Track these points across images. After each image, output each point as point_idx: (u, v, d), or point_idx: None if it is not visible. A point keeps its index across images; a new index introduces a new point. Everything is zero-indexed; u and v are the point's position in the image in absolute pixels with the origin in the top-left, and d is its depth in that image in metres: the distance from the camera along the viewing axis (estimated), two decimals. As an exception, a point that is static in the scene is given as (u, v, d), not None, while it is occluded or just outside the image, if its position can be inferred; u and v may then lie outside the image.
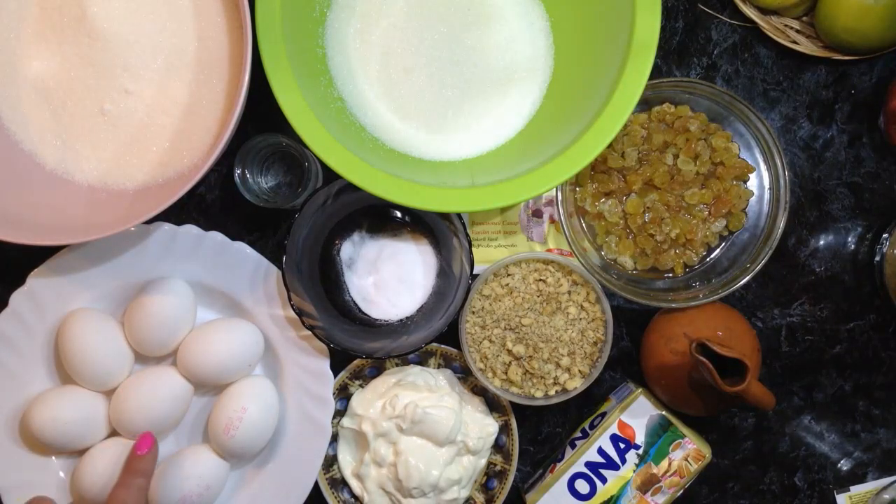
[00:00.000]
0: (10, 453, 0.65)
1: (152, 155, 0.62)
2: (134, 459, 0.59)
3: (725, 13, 0.70)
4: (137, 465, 0.59)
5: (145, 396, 0.64)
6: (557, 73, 0.66)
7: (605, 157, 0.67)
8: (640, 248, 0.68)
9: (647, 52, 0.57)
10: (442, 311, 0.66)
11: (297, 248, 0.64)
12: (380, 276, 0.68)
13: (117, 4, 0.60)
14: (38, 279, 0.65)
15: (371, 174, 0.56)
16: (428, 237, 0.69)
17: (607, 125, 0.57)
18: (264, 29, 0.56)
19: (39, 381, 0.66)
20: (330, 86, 0.63)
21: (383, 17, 0.65)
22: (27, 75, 0.62)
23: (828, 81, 0.71)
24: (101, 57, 0.61)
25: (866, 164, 0.72)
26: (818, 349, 0.73)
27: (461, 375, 0.70)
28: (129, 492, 0.57)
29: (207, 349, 0.65)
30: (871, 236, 0.72)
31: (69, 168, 0.63)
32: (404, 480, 0.65)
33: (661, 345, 0.66)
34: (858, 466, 0.74)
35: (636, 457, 0.67)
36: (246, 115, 0.61)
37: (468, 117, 0.65)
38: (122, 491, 0.57)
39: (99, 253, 0.66)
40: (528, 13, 0.66)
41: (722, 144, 0.67)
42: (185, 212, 0.69)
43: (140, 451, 0.59)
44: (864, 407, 0.73)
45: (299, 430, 0.67)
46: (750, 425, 0.73)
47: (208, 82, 0.62)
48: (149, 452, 0.59)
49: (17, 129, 0.63)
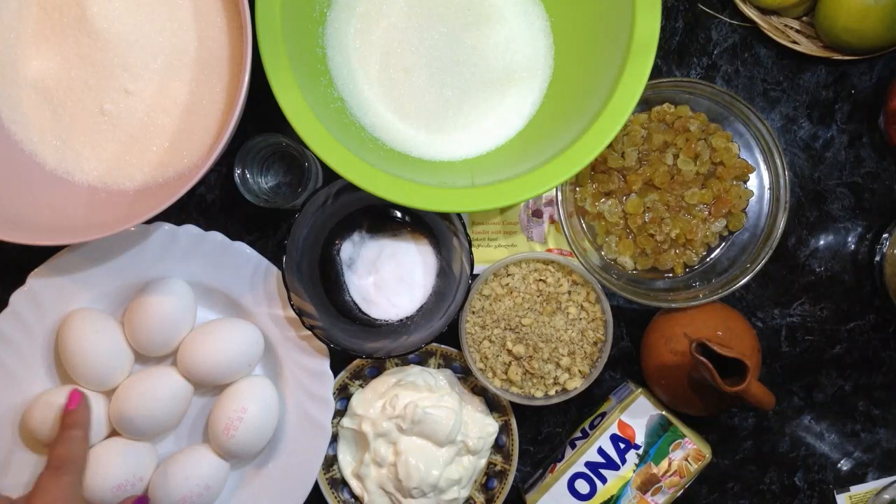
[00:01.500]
0: (10, 453, 0.65)
1: (152, 155, 0.62)
2: (66, 414, 0.62)
3: (725, 13, 0.70)
4: (71, 419, 0.62)
5: (145, 396, 0.64)
6: (557, 73, 0.66)
7: (605, 157, 0.67)
8: (640, 248, 0.68)
9: (647, 52, 0.57)
10: (442, 311, 0.66)
11: (297, 248, 0.64)
12: (380, 276, 0.68)
13: (117, 4, 0.60)
14: (38, 279, 0.65)
15: (371, 174, 0.56)
16: (428, 237, 0.69)
17: (607, 125, 0.57)
18: (264, 29, 0.56)
19: (39, 381, 0.66)
20: (330, 86, 0.63)
21: (383, 17, 0.65)
22: (27, 75, 0.62)
23: (828, 81, 0.71)
24: (101, 57, 0.61)
25: (866, 164, 0.72)
26: (818, 349, 0.73)
27: (461, 375, 0.70)
28: (67, 444, 0.60)
29: (207, 349, 0.65)
30: (871, 236, 0.72)
31: (69, 168, 0.63)
32: (404, 480, 0.65)
33: (661, 345, 0.66)
34: (858, 466, 0.74)
35: (636, 457, 0.67)
36: (246, 115, 0.61)
37: (468, 117, 0.65)
38: (59, 446, 0.60)
39: (99, 253, 0.66)
40: (527, 13, 0.66)
41: (722, 144, 0.67)
42: (185, 212, 0.69)
43: (70, 406, 0.62)
44: (864, 407, 0.73)
45: (299, 430, 0.67)
46: (750, 425, 0.73)
47: (208, 82, 0.62)
48: (79, 405, 0.62)
49: (17, 129, 0.63)
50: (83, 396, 0.63)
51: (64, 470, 0.59)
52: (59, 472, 0.59)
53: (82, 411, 0.62)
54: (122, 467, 0.63)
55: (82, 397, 0.63)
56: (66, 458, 0.60)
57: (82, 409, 0.62)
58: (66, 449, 0.60)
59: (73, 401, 0.62)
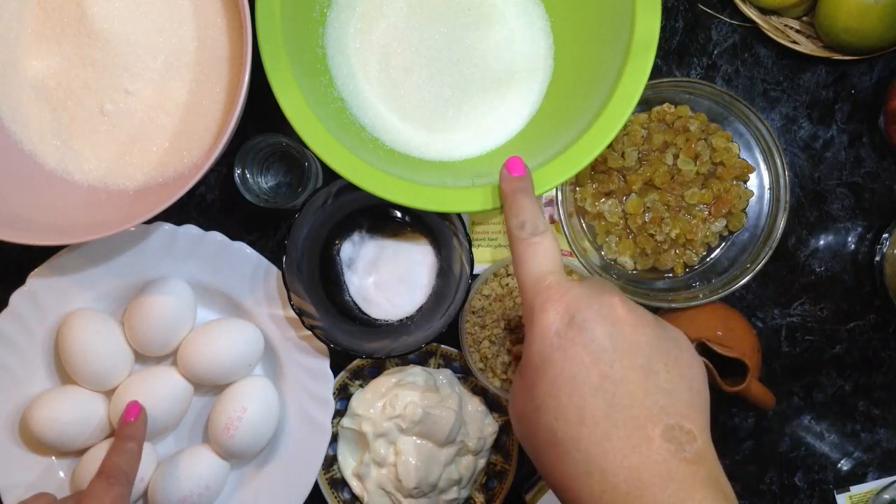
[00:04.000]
0: (10, 453, 0.65)
1: (152, 155, 0.62)
2: (124, 426, 0.62)
3: (725, 13, 0.70)
4: (128, 431, 0.61)
5: (145, 396, 0.64)
6: (557, 73, 0.66)
7: (605, 157, 0.67)
8: (640, 248, 0.68)
9: (647, 52, 0.57)
10: (442, 311, 0.66)
11: (297, 248, 0.64)
12: (380, 276, 0.68)
13: (117, 4, 0.60)
14: (38, 279, 0.65)
15: (371, 174, 0.56)
16: (428, 237, 0.69)
17: (607, 125, 0.57)
18: (264, 29, 0.56)
19: (39, 381, 0.66)
20: (330, 86, 0.63)
21: (383, 17, 0.65)
22: (27, 75, 0.62)
23: (828, 81, 0.71)
24: (101, 57, 0.61)
25: (866, 164, 0.72)
26: (818, 349, 0.73)
27: (461, 375, 0.70)
28: (123, 456, 0.60)
29: (207, 349, 0.65)
30: (871, 236, 0.72)
31: (69, 168, 0.63)
32: (404, 480, 0.65)
33: (661, 345, 0.66)
34: (858, 466, 0.74)
35: (636, 457, 0.67)
36: (246, 115, 0.61)
37: (468, 117, 0.65)
38: (115, 456, 0.60)
39: (99, 253, 0.66)
40: (527, 13, 0.66)
41: (722, 144, 0.67)
42: (185, 212, 0.69)
43: (129, 418, 0.62)
44: (864, 407, 0.73)
45: (299, 430, 0.67)
46: (750, 425, 0.73)
47: (208, 82, 0.62)
48: (137, 419, 0.62)
49: (17, 129, 0.63)
50: (142, 410, 0.63)
51: (115, 480, 0.58)
52: (111, 481, 0.58)
53: (139, 425, 0.62)
54: (122, 467, 0.63)
55: (141, 410, 0.63)
56: (119, 468, 0.59)
57: (140, 422, 0.62)
58: (122, 460, 0.59)
59: (132, 412, 0.62)
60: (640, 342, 0.43)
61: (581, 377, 0.42)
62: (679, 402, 0.42)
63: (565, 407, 0.42)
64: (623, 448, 0.41)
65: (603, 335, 0.43)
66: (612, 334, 0.43)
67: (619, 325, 0.43)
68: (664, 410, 0.42)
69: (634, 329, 0.43)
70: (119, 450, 0.60)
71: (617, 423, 0.41)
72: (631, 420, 0.41)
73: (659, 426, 0.41)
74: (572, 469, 0.42)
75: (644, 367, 0.43)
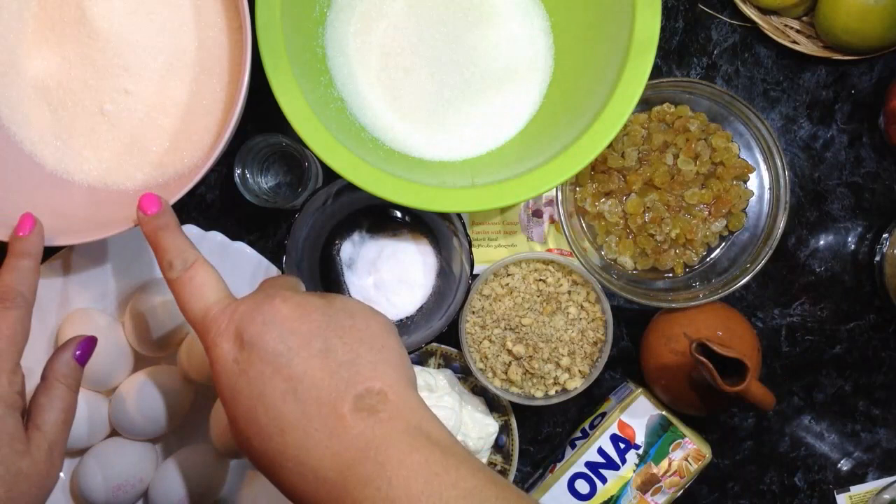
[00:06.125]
0: (10, 453, 0.65)
1: (152, 155, 0.62)
2: (16, 241, 0.53)
3: (725, 13, 0.70)
4: (20, 247, 0.53)
5: (145, 396, 0.64)
6: (557, 73, 0.66)
7: (605, 157, 0.67)
8: (640, 248, 0.68)
9: (647, 52, 0.57)
10: (442, 311, 0.66)
11: (297, 248, 0.64)
12: (380, 276, 0.68)
13: (117, 4, 0.60)
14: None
15: (371, 174, 0.56)
16: (428, 237, 0.69)
17: (607, 125, 0.57)
18: (264, 29, 0.56)
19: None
20: (330, 86, 0.63)
21: (383, 18, 0.65)
22: (27, 75, 0.62)
23: (828, 81, 0.71)
24: (101, 57, 0.61)
25: (866, 164, 0.72)
26: (818, 349, 0.73)
27: (461, 375, 0.70)
28: (16, 274, 0.52)
29: (207, 349, 0.65)
30: (871, 236, 0.72)
31: (69, 168, 0.63)
32: (404, 480, 0.65)
33: (661, 345, 0.66)
34: (858, 466, 0.74)
35: (636, 457, 0.67)
36: (246, 115, 0.61)
37: (468, 117, 0.65)
38: (7, 275, 0.51)
39: (99, 253, 0.66)
40: (528, 13, 0.66)
41: (722, 144, 0.67)
42: (185, 212, 0.69)
43: (20, 233, 0.53)
44: (864, 407, 0.73)
45: (299, 430, 0.67)
46: (750, 425, 0.73)
47: (208, 82, 0.62)
48: (31, 232, 0.54)
49: (17, 129, 0.63)
50: (37, 222, 0.54)
51: (12, 303, 0.50)
52: (7, 304, 0.50)
53: (34, 239, 0.53)
54: (122, 467, 0.63)
55: (36, 223, 0.54)
56: (14, 289, 0.51)
57: (35, 235, 0.53)
58: (16, 279, 0.51)
59: (25, 226, 0.54)
60: (312, 329, 0.43)
61: (268, 391, 0.42)
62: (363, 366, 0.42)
63: (266, 426, 0.41)
64: (323, 438, 0.40)
65: (274, 340, 0.42)
66: (282, 334, 0.42)
67: (287, 323, 0.43)
68: (349, 382, 0.41)
69: (301, 319, 0.43)
70: (12, 268, 0.52)
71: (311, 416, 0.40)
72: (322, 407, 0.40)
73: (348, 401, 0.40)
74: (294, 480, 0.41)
75: (322, 350, 0.42)
